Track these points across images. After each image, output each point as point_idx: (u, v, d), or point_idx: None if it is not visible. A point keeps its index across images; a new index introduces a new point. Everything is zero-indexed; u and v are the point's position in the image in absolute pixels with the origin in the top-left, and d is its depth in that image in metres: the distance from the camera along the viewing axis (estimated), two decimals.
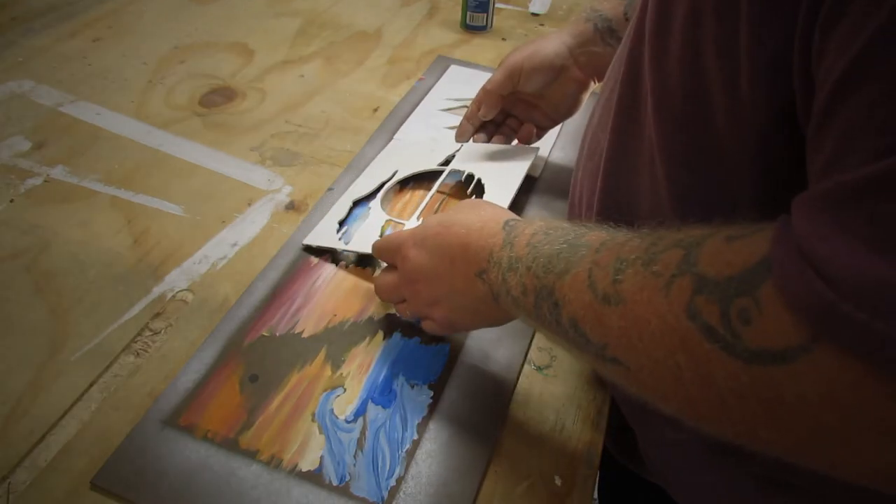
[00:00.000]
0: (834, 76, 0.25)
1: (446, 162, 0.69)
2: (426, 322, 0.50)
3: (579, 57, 0.63)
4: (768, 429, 0.27)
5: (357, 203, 0.64)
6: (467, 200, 0.49)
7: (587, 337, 0.34)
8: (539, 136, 0.71)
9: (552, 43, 0.64)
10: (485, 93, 0.65)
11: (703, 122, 0.35)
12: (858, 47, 0.24)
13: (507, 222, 0.43)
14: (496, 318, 0.46)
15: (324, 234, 0.59)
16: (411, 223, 0.61)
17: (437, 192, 0.66)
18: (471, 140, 0.69)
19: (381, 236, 0.59)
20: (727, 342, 0.27)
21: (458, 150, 0.70)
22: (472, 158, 0.68)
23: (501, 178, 0.65)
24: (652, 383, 0.31)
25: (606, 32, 0.63)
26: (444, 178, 0.66)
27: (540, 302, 0.37)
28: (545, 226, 0.40)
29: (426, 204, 0.63)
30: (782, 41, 0.29)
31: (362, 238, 0.59)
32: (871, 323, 0.22)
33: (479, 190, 0.65)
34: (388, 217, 0.61)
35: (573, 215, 0.54)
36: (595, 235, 0.36)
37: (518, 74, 0.64)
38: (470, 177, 0.66)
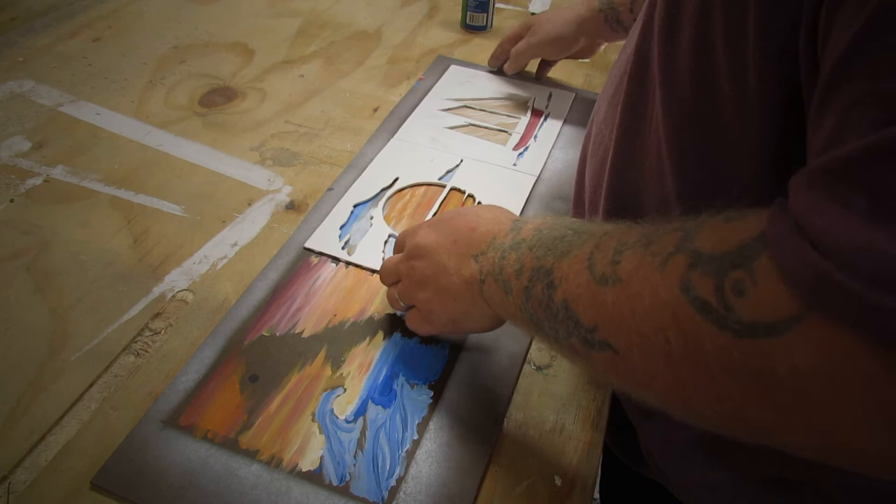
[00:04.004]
0: (836, 53, 0.25)
1: (448, 172, 0.69)
2: (409, 315, 0.50)
3: (590, 32, 0.77)
4: (758, 406, 0.27)
5: (357, 205, 0.64)
6: (489, 204, 0.50)
7: (578, 319, 0.33)
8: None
9: (569, 26, 0.77)
10: (514, 55, 0.82)
11: (711, 117, 0.35)
12: (861, 22, 0.24)
13: (518, 218, 0.44)
14: (473, 312, 0.45)
15: (325, 240, 0.59)
16: None
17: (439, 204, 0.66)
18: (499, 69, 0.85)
19: (383, 251, 0.59)
20: (719, 315, 0.26)
21: (458, 165, 0.70)
22: (474, 177, 0.68)
23: (502, 203, 0.65)
24: (640, 365, 0.31)
25: (614, 22, 0.74)
26: (445, 197, 0.66)
27: (534, 282, 0.37)
28: (553, 218, 0.41)
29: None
30: (788, 32, 0.29)
31: (365, 251, 0.59)
32: (866, 293, 0.22)
33: None
34: (391, 231, 0.61)
35: (578, 212, 0.55)
36: (601, 226, 0.36)
37: (542, 49, 0.80)
38: (471, 197, 0.66)
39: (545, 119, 0.78)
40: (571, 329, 0.34)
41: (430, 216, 0.63)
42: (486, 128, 0.76)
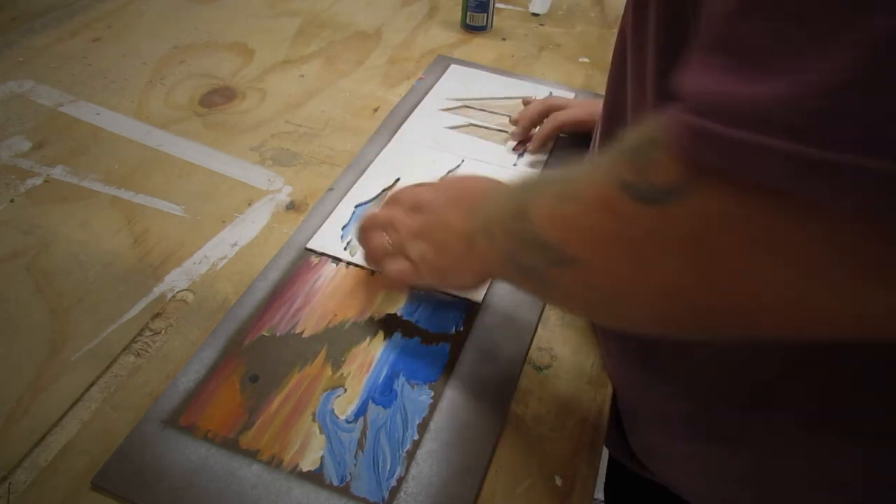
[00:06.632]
0: None
1: (448, 172, 0.69)
2: (395, 261, 0.49)
3: None
4: (679, 272, 0.29)
5: (358, 205, 0.64)
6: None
7: (547, 242, 0.35)
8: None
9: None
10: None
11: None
12: None
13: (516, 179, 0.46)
14: (462, 267, 0.46)
15: (327, 241, 0.59)
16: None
17: None
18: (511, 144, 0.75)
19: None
20: (641, 190, 0.29)
21: (458, 165, 0.70)
22: None
23: None
24: (596, 268, 0.33)
25: None
26: None
27: (515, 221, 0.38)
28: (549, 171, 0.43)
29: None
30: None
31: None
32: (726, 132, 0.24)
33: None
34: None
35: None
36: (582, 162, 0.38)
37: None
38: None
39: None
40: (543, 256, 0.36)
41: None
42: (486, 128, 0.76)
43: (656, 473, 0.55)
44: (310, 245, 0.59)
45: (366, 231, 0.52)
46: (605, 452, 0.57)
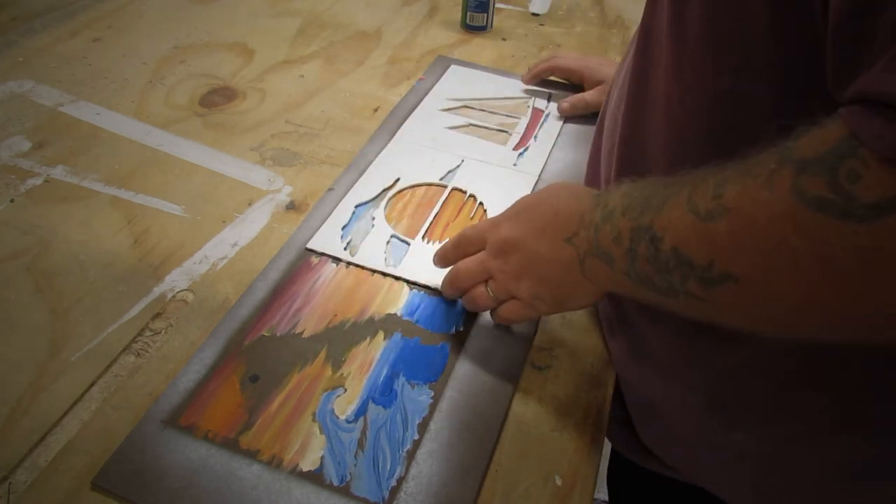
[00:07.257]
0: None
1: (448, 172, 0.69)
2: (506, 307, 0.49)
3: None
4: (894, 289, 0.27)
5: (358, 205, 0.64)
6: (558, 183, 0.49)
7: (691, 261, 0.33)
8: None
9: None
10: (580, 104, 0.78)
11: (725, 66, 0.36)
12: None
13: (598, 193, 0.44)
14: (578, 292, 0.45)
15: (327, 241, 0.59)
16: (416, 241, 0.61)
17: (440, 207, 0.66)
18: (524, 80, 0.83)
19: (385, 252, 0.59)
20: (840, 206, 0.26)
21: (459, 165, 0.70)
22: (474, 177, 0.68)
23: (504, 203, 0.65)
24: (767, 285, 0.31)
25: None
26: (446, 197, 0.66)
27: (636, 242, 0.36)
28: (638, 181, 0.40)
29: (430, 223, 0.63)
30: None
31: (367, 251, 0.59)
32: None
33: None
34: (393, 232, 0.61)
35: None
36: (689, 174, 0.35)
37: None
38: (472, 197, 0.66)
39: (545, 119, 0.78)
40: (687, 274, 0.33)
41: (431, 216, 0.63)
42: (486, 128, 0.76)
43: (673, 465, 0.54)
44: (310, 245, 0.59)
45: (457, 288, 0.52)
46: (605, 452, 0.57)
